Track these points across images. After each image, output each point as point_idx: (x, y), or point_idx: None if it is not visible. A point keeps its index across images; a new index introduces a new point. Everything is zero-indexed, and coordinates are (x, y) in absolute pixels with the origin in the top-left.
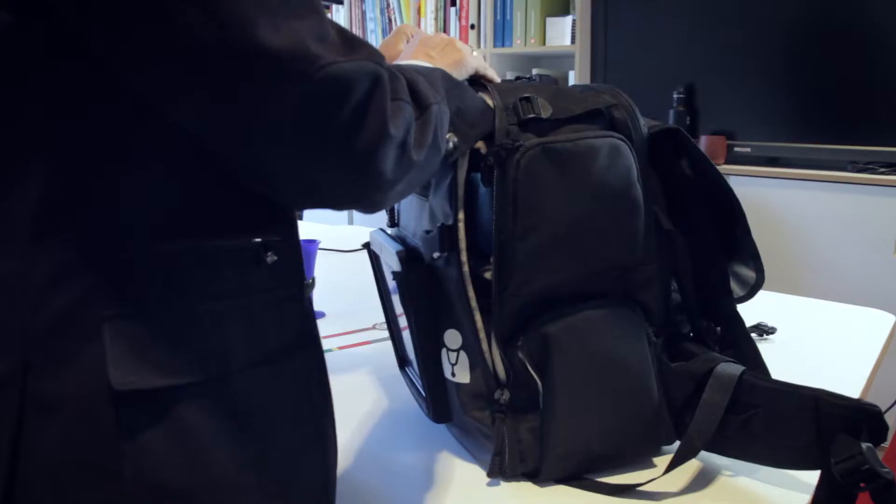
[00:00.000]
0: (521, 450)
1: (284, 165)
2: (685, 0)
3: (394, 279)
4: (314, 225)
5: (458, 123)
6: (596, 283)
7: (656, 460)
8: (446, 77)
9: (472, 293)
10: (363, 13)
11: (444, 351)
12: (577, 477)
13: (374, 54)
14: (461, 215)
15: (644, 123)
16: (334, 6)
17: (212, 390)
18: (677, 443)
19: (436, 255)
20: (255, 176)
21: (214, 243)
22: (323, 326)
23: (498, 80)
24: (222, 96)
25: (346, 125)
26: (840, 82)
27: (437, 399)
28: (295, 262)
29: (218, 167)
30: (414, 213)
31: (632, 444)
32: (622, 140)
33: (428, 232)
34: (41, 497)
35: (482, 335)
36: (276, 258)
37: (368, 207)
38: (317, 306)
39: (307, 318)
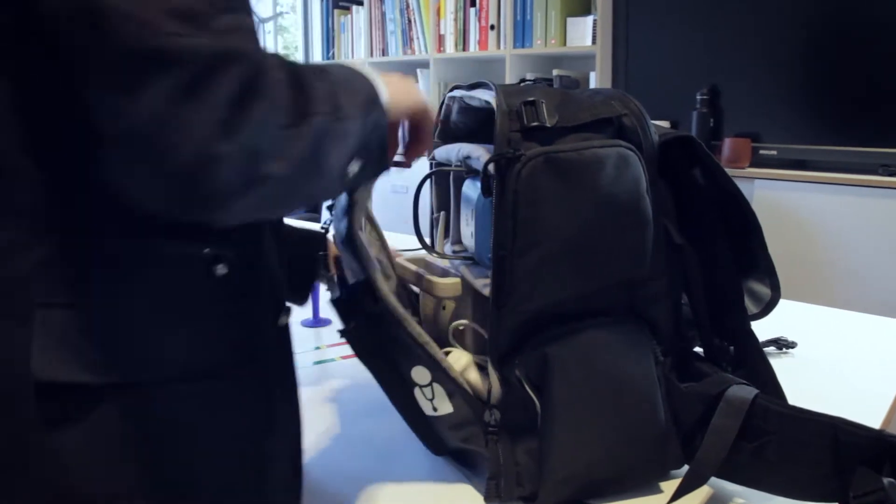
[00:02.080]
0: (519, 472)
1: (111, 162)
2: None
3: (341, 337)
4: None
5: (367, 152)
6: (600, 299)
7: (663, 485)
8: (370, 100)
9: (417, 330)
10: (383, 14)
11: (416, 390)
12: (578, 502)
13: (242, 38)
14: (374, 267)
15: (654, 131)
16: (354, 7)
17: (139, 396)
18: (686, 467)
19: (352, 324)
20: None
21: (162, 246)
22: (327, 335)
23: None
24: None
25: (163, 111)
26: (870, 82)
27: (428, 436)
28: (253, 280)
29: None
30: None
31: (636, 468)
32: (630, 149)
33: (338, 299)
34: None
35: (446, 364)
36: (226, 271)
37: (206, 219)
38: (323, 313)
39: (263, 336)
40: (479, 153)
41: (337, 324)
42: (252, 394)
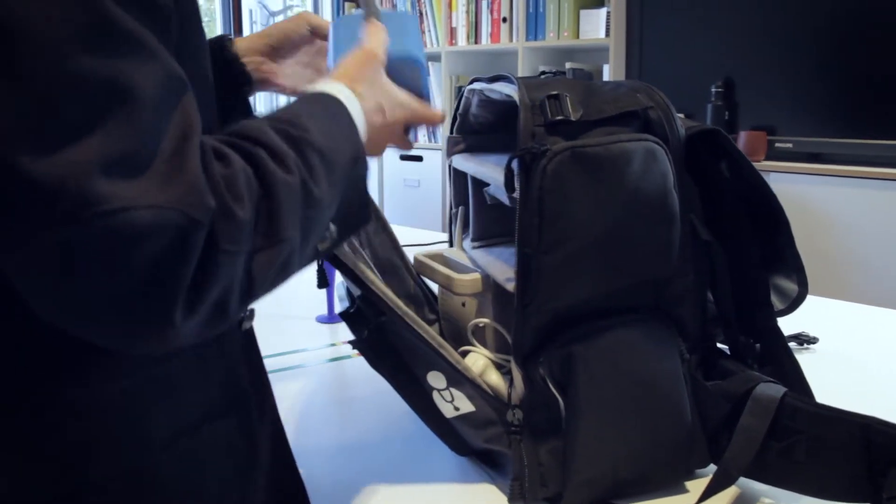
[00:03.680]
0: (542, 473)
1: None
2: None
3: (353, 348)
4: None
5: (345, 214)
6: (626, 296)
7: (689, 485)
8: (353, 158)
9: (431, 333)
10: (394, 6)
11: (434, 394)
12: (604, 502)
13: (193, 192)
14: (373, 278)
15: (681, 124)
16: None
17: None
18: (712, 466)
19: (364, 333)
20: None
21: None
22: (343, 331)
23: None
24: None
25: (125, 285)
26: (886, 74)
27: (451, 438)
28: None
29: None
30: None
31: (662, 468)
32: (658, 143)
33: (345, 312)
34: None
35: (461, 366)
36: None
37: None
38: (338, 308)
39: (236, 371)
40: (497, 175)
41: None
42: (231, 439)
